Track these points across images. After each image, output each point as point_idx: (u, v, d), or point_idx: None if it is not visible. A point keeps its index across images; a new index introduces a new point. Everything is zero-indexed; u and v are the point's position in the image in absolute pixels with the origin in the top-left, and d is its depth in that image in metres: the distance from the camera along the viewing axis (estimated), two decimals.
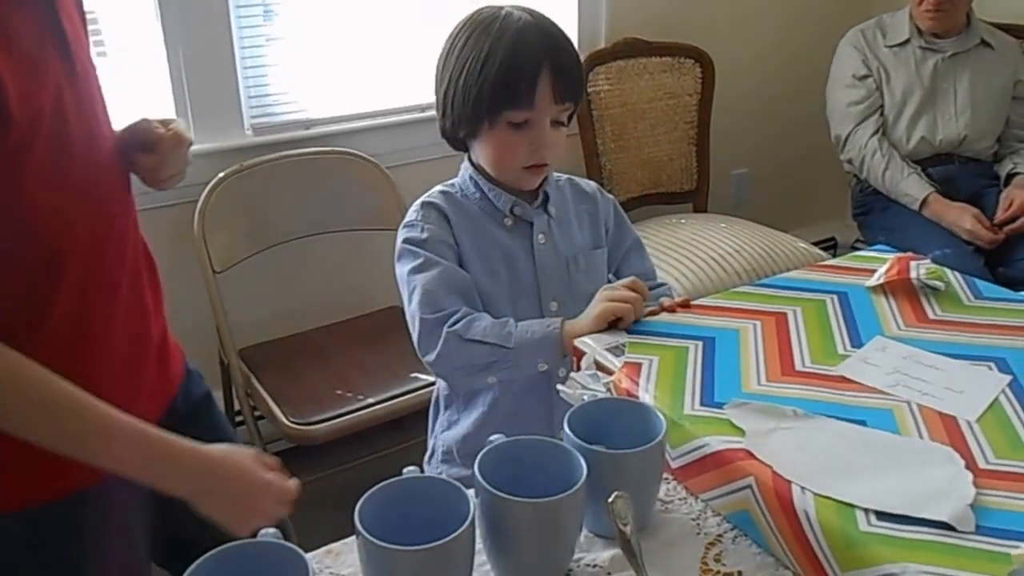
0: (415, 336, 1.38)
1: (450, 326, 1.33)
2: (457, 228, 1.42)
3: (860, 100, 2.88)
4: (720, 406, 1.10)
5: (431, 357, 1.36)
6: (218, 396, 2.03)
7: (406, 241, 1.41)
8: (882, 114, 2.88)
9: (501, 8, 1.38)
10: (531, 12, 1.38)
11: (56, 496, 1.14)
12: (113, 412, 1.05)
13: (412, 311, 1.38)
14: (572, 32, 3.01)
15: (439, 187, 1.48)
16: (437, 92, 1.42)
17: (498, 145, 1.39)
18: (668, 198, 3.14)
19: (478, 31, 1.35)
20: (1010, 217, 2.68)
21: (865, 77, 2.88)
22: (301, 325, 2.53)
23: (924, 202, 2.73)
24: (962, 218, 2.67)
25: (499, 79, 1.33)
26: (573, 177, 1.58)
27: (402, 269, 1.41)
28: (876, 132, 2.85)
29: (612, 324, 1.31)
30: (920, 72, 2.82)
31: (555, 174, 1.51)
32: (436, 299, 1.35)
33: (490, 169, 1.43)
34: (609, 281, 1.52)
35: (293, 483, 1.20)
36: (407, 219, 1.44)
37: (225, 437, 1.32)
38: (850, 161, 2.91)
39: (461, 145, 1.46)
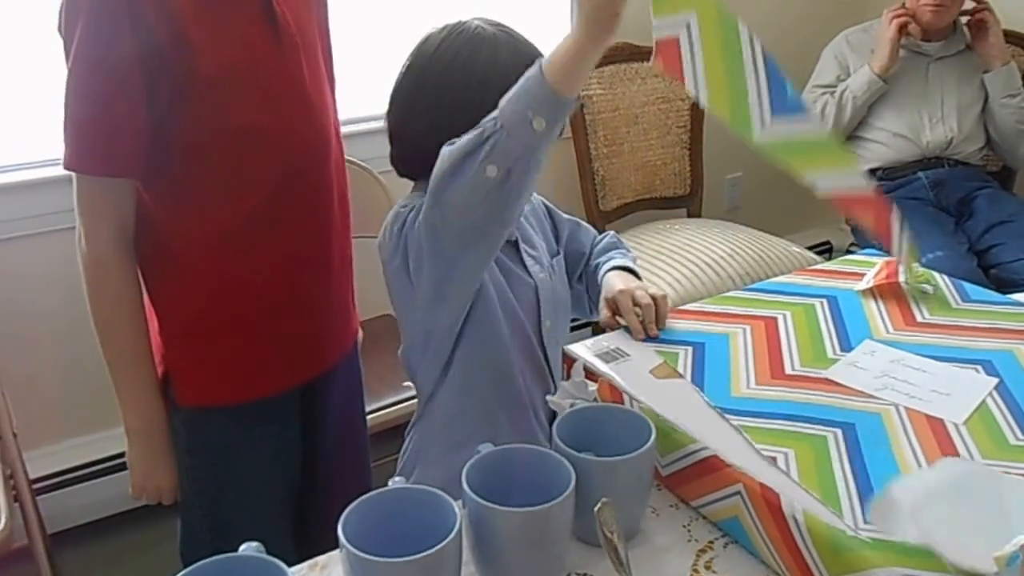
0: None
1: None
2: None
3: (811, 106, 2.92)
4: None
5: (433, 186, 1.15)
6: None
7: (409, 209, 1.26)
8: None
9: (481, 28, 1.27)
10: (511, 35, 1.29)
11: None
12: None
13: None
14: (564, 36, 3.00)
15: (408, 199, 1.32)
16: (402, 117, 1.31)
17: None
18: (662, 203, 3.14)
19: (462, 58, 1.25)
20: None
21: (831, 86, 2.91)
22: None
23: (876, 74, 2.79)
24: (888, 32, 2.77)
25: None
26: None
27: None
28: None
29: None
30: (906, 75, 2.83)
31: None
32: None
33: None
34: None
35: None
36: (401, 209, 1.29)
37: (356, 413, 1.72)
38: None
39: (414, 176, 1.35)
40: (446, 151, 1.14)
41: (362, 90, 2.64)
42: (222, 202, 1.35)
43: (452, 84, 1.25)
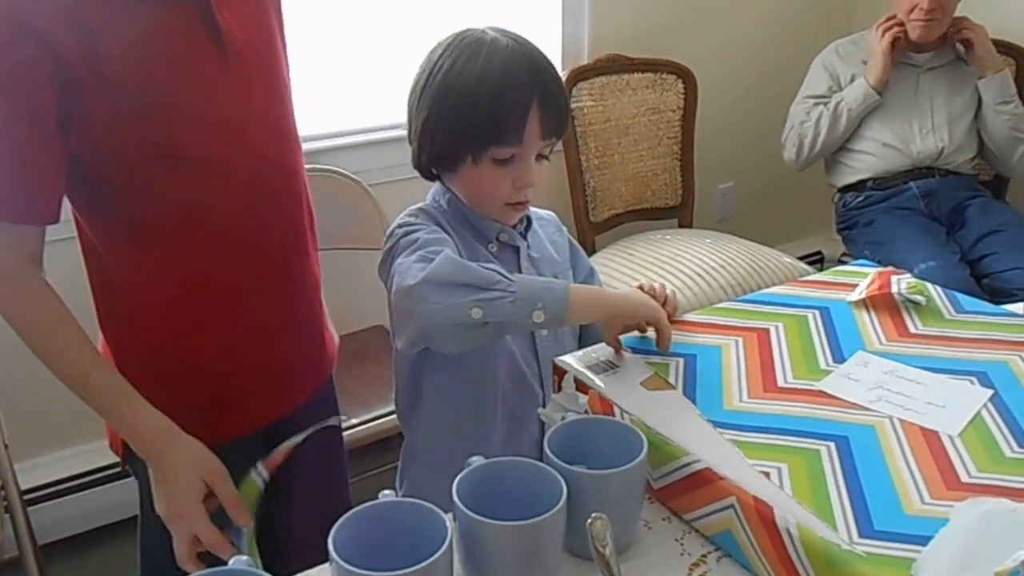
0: (400, 272, 1.19)
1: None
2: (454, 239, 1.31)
3: (805, 117, 2.95)
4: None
5: (416, 278, 1.14)
6: None
7: (406, 235, 1.27)
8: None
9: (484, 33, 1.30)
10: (516, 38, 1.31)
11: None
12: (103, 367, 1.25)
13: (404, 259, 1.21)
14: (555, 48, 3.01)
15: (418, 207, 1.37)
16: (413, 121, 1.33)
17: (481, 181, 1.31)
18: (653, 214, 3.14)
19: (462, 59, 1.27)
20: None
21: (822, 99, 2.93)
22: None
23: (871, 87, 2.81)
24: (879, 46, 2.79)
25: (488, 114, 1.25)
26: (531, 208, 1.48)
27: (401, 258, 1.22)
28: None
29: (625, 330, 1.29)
30: (896, 86, 2.84)
31: None
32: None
33: (470, 204, 1.35)
34: None
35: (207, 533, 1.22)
36: (400, 221, 1.32)
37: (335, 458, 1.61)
38: (795, 149, 2.97)
39: (433, 176, 1.38)
40: (454, 263, 1.16)
41: (351, 102, 2.65)
42: (173, 238, 1.27)
43: (449, 87, 1.28)
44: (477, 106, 1.25)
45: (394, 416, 2.13)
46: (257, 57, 1.30)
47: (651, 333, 1.30)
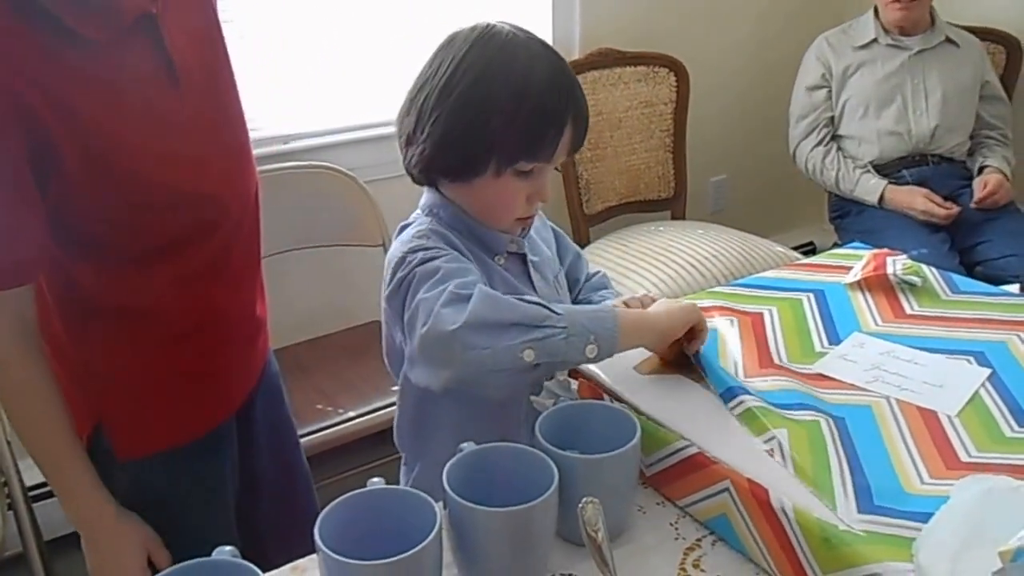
0: (435, 312, 1.06)
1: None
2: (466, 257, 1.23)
3: (807, 113, 2.96)
4: None
5: (456, 322, 1.03)
6: None
7: (422, 262, 1.16)
8: (828, 125, 2.96)
9: (507, 33, 1.20)
10: (543, 42, 1.22)
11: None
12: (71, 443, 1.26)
13: (436, 294, 1.09)
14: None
15: (424, 226, 1.25)
16: (421, 123, 1.21)
17: (499, 194, 1.22)
18: (646, 206, 3.13)
19: (497, 63, 1.17)
20: (987, 195, 2.72)
21: (818, 88, 2.95)
22: (281, 341, 2.49)
23: (881, 198, 2.81)
24: (914, 200, 2.75)
25: (528, 131, 1.17)
26: None
27: (423, 292, 1.12)
28: (821, 143, 2.94)
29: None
30: (888, 69, 2.85)
31: None
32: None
33: (478, 215, 1.26)
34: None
35: None
36: (412, 246, 1.20)
37: (283, 415, 1.59)
38: (805, 170, 2.99)
39: (428, 182, 1.29)
40: (494, 300, 1.06)
41: (347, 99, 2.64)
42: (144, 265, 1.25)
43: (486, 90, 1.17)
44: (518, 118, 1.16)
45: (392, 408, 2.13)
46: (207, 78, 1.27)
47: None
